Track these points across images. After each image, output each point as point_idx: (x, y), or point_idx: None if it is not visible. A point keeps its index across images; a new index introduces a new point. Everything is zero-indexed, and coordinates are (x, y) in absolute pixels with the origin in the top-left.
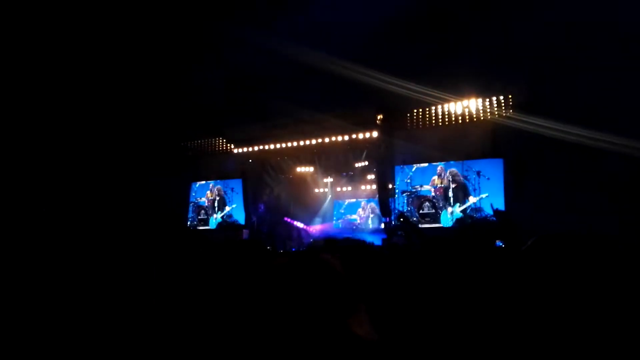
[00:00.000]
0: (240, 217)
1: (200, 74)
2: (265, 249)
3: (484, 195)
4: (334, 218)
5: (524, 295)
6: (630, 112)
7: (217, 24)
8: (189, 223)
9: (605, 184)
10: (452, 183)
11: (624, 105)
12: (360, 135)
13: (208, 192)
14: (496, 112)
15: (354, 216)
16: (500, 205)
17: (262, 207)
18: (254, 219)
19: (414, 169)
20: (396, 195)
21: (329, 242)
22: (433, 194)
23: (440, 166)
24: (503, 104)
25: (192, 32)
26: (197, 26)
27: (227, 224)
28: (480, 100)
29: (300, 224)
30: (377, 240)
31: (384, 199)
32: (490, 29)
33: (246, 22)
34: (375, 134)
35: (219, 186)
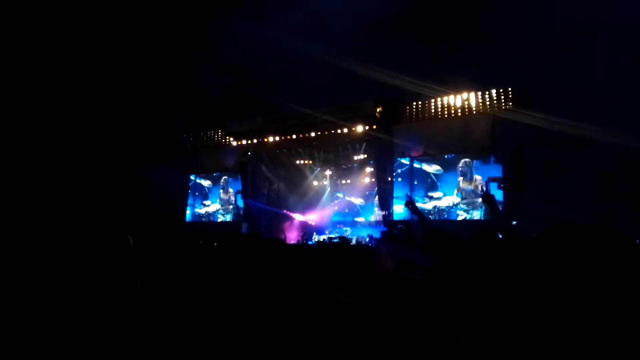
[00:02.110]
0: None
1: (201, 68)
2: (264, 242)
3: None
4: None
5: (535, 291)
6: (628, 106)
7: (217, 17)
8: (190, 214)
9: (603, 177)
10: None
11: (622, 99)
12: (360, 128)
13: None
14: (495, 106)
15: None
16: (498, 198)
17: (261, 200)
18: (253, 211)
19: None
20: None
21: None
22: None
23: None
24: (502, 98)
25: (191, 26)
26: (197, 20)
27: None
28: (479, 93)
29: (299, 216)
30: (376, 233)
31: (383, 191)
32: (489, 23)
33: (245, 16)
34: (374, 126)
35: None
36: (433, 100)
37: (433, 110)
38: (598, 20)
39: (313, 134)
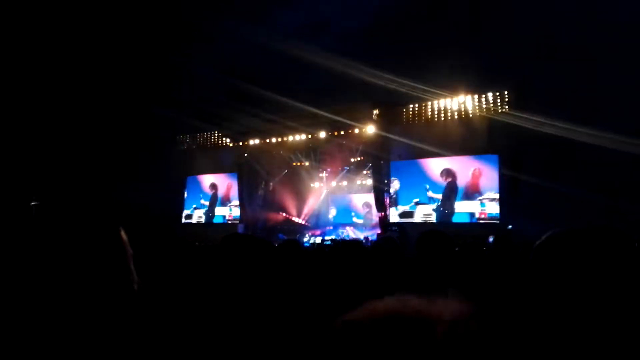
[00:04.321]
0: (235, 211)
1: (197, 68)
2: (259, 243)
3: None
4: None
5: (547, 293)
6: (624, 108)
7: (214, 17)
8: (186, 214)
9: (599, 180)
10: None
11: (619, 102)
12: (356, 130)
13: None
14: (492, 108)
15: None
16: (494, 202)
17: (258, 201)
18: (249, 212)
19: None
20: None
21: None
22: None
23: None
24: (499, 100)
25: (189, 25)
26: (194, 19)
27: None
28: (476, 96)
29: (295, 218)
30: (372, 235)
31: (379, 193)
32: (486, 26)
33: (243, 17)
34: (371, 129)
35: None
36: (430, 103)
37: (430, 113)
38: (595, 22)
39: (310, 136)
